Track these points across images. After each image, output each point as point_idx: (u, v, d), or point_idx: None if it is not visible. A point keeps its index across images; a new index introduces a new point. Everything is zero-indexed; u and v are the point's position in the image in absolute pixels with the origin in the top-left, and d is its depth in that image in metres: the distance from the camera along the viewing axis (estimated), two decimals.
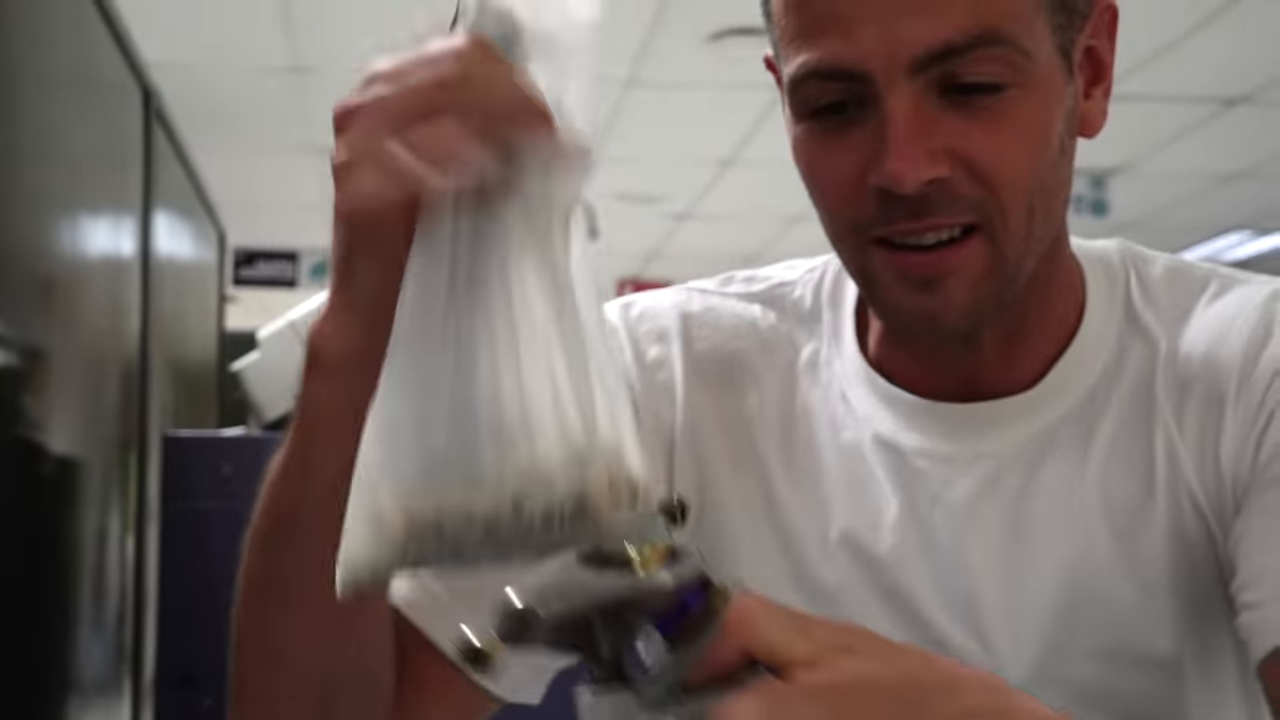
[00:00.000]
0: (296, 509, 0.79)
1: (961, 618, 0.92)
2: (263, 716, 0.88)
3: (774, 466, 0.97)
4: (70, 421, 1.90)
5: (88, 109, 2.06)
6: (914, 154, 0.81)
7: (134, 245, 2.37)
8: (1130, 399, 0.93)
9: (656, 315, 1.03)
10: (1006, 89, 0.82)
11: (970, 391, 0.95)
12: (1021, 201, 0.84)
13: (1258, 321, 0.90)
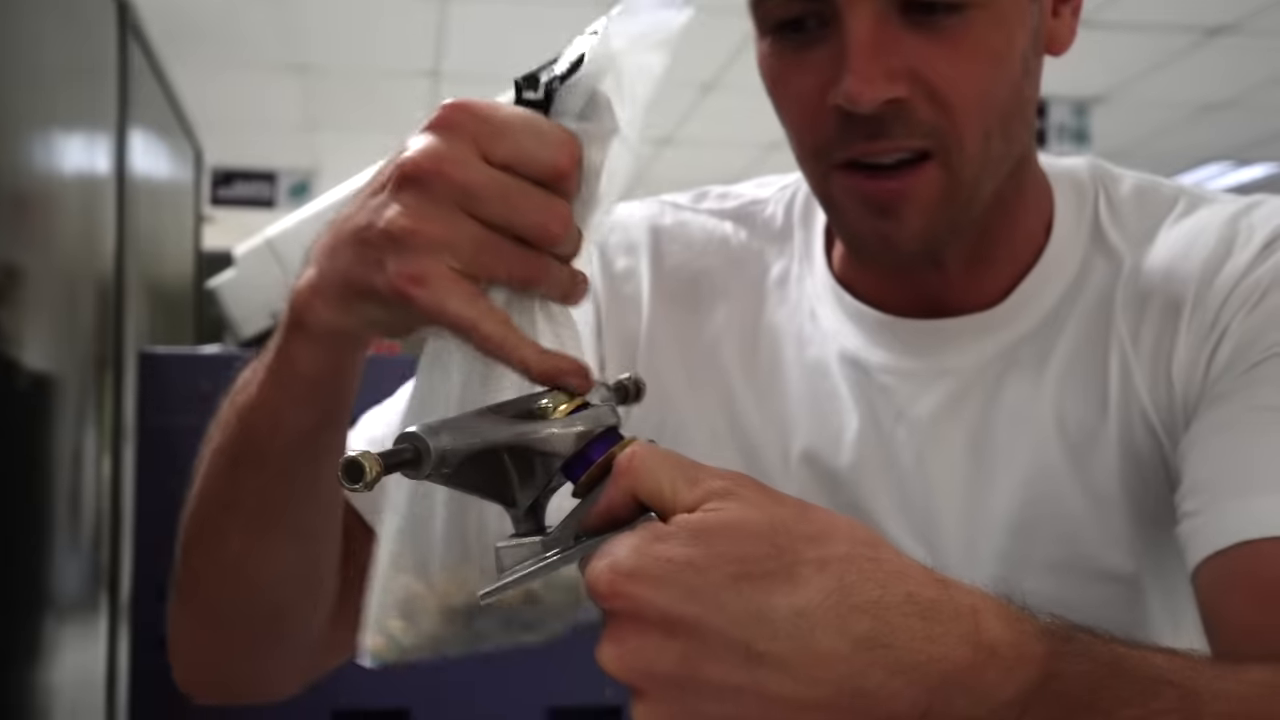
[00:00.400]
0: (267, 445, 0.79)
1: (921, 534, 0.94)
2: (208, 622, 0.89)
3: (737, 383, 0.98)
4: (45, 338, 1.90)
5: (61, 23, 2.04)
6: (872, 74, 0.81)
7: (109, 163, 2.35)
8: (1089, 317, 0.94)
9: (627, 228, 1.04)
10: (968, 8, 0.82)
11: (936, 308, 0.96)
12: (977, 127, 0.85)
13: (1219, 239, 0.91)
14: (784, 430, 0.97)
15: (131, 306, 2.49)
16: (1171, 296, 0.91)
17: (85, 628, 2.13)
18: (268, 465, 0.79)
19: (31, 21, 1.83)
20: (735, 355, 0.99)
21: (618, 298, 1.01)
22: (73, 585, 2.05)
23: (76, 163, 2.12)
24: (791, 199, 1.05)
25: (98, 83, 2.30)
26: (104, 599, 2.27)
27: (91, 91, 2.25)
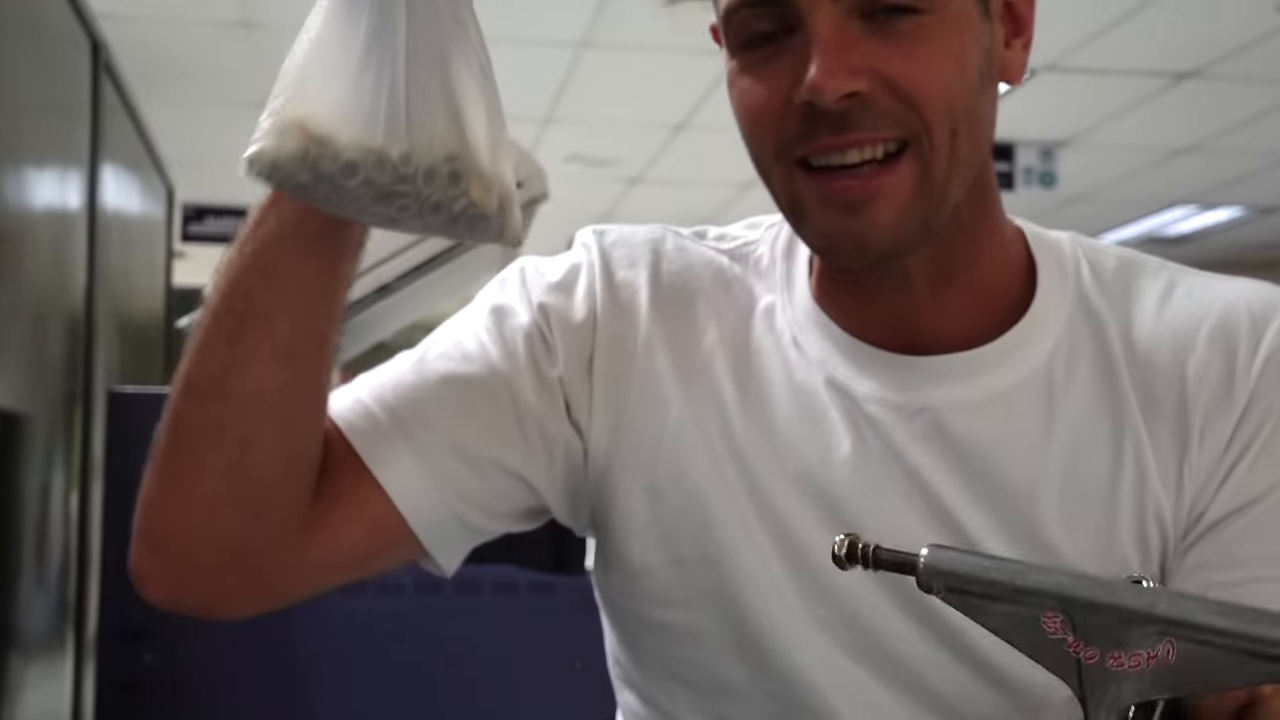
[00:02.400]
0: (266, 248, 0.86)
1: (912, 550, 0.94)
2: (187, 449, 0.89)
3: (730, 399, 1.00)
4: (14, 375, 1.88)
5: (35, 59, 2.04)
6: (835, 68, 0.85)
7: (81, 198, 2.34)
8: (1092, 388, 0.96)
9: (630, 244, 1.06)
10: (922, 13, 0.86)
11: (909, 339, 0.98)
12: (944, 118, 0.88)
13: (1226, 340, 0.95)
14: (776, 448, 0.97)
15: (102, 343, 2.48)
16: (1182, 399, 0.95)
17: (51, 666, 2.11)
18: (264, 270, 0.86)
19: (5, 57, 1.82)
20: (728, 372, 1.00)
21: (615, 304, 1.02)
22: (39, 623, 2.03)
23: (48, 198, 2.11)
24: (776, 236, 1.07)
25: (71, 119, 2.29)
26: (70, 637, 2.25)
27: (64, 127, 2.25)
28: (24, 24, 1.96)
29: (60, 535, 2.17)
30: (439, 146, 0.76)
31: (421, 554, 0.97)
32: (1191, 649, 0.60)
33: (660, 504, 0.99)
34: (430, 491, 0.95)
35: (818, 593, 0.95)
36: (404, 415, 0.95)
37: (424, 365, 0.99)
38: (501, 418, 0.97)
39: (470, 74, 0.79)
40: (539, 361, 0.99)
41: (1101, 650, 0.61)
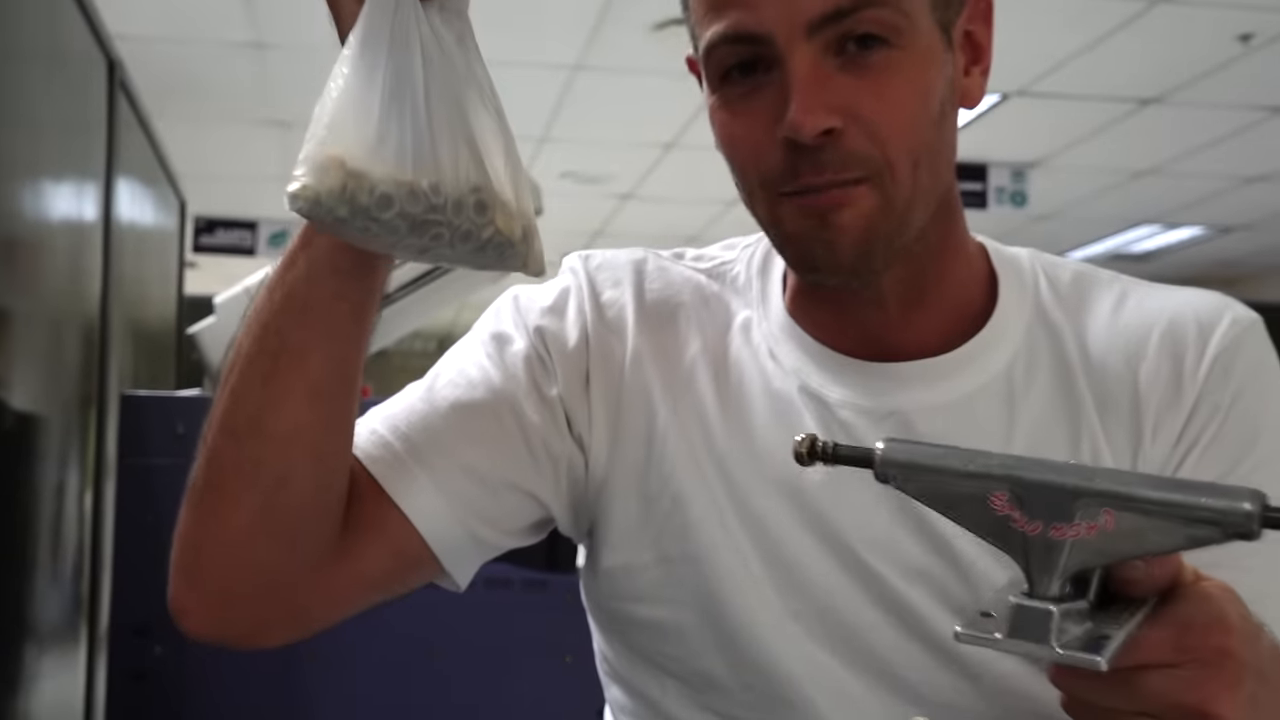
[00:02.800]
0: (296, 291, 0.86)
1: (882, 554, 0.95)
2: (225, 487, 0.88)
3: (711, 408, 1.00)
4: (32, 379, 1.88)
5: (54, 78, 2.03)
6: (813, 106, 0.86)
7: (97, 211, 2.34)
8: (1051, 392, 0.98)
9: (614, 266, 1.08)
10: (891, 46, 0.88)
11: (880, 349, 0.99)
12: (906, 155, 0.89)
13: (1175, 346, 0.96)
14: (754, 452, 0.98)
15: (115, 349, 2.48)
16: (1135, 399, 0.96)
17: (64, 657, 2.11)
18: (295, 312, 0.86)
19: (25, 76, 1.82)
20: (709, 383, 1.01)
21: (603, 321, 1.04)
22: (53, 616, 2.02)
23: (65, 210, 2.11)
24: (752, 256, 1.09)
25: (87, 134, 2.29)
26: (83, 630, 2.24)
27: (81, 143, 2.24)
28: (43, 44, 1.96)
29: (74, 532, 2.16)
30: (464, 178, 0.78)
31: (440, 573, 0.98)
32: (1128, 518, 0.63)
33: (649, 507, 0.99)
34: (448, 514, 0.95)
35: (793, 588, 0.96)
36: (418, 443, 0.95)
37: (433, 394, 0.99)
38: (509, 439, 0.98)
39: (486, 115, 0.82)
40: (539, 382, 1.00)
41: (1045, 523, 0.64)
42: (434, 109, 0.79)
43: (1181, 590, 0.66)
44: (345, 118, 0.77)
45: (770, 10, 0.87)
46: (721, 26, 0.90)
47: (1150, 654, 0.64)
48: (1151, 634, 0.65)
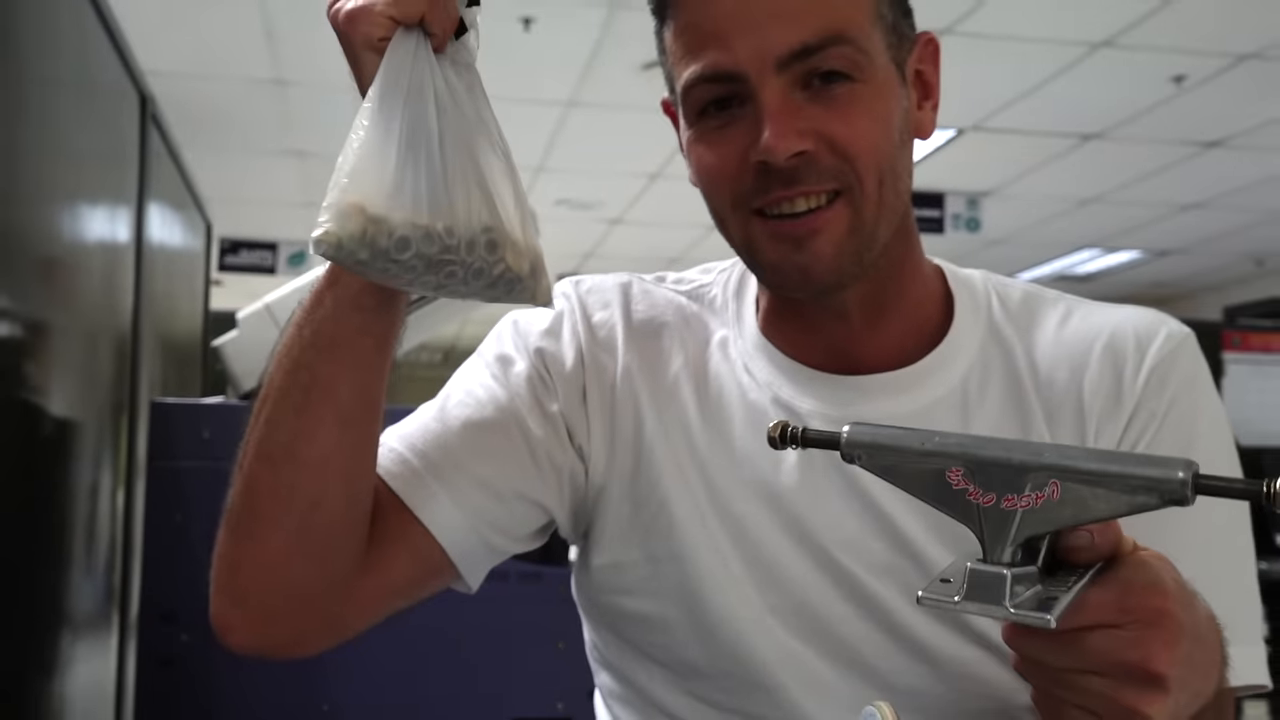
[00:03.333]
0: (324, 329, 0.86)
1: (848, 549, 0.95)
2: (262, 511, 0.88)
3: (692, 415, 1.01)
4: (68, 388, 1.87)
5: (89, 111, 2.03)
6: (785, 132, 0.87)
7: (129, 233, 2.33)
8: (1004, 403, 0.98)
9: (602, 289, 1.08)
10: (854, 80, 0.89)
11: (845, 362, 0.99)
12: (873, 171, 0.90)
13: (1115, 359, 0.97)
14: (733, 459, 0.98)
15: (146, 360, 2.47)
16: (1079, 407, 0.96)
17: (97, 644, 2.09)
18: (323, 347, 0.86)
19: (64, 108, 1.82)
20: (691, 395, 1.02)
21: (596, 341, 1.04)
22: (87, 605, 2.01)
23: (100, 232, 2.10)
24: (728, 279, 1.09)
25: (121, 163, 2.28)
26: (115, 619, 2.23)
27: (115, 170, 2.24)
28: (80, 80, 1.95)
29: (107, 528, 2.15)
30: (476, 220, 0.79)
31: (456, 578, 0.98)
32: (1072, 488, 0.63)
33: (638, 509, 1.00)
34: (464, 525, 0.95)
35: (770, 583, 0.95)
36: (435, 460, 0.96)
37: (445, 414, 0.99)
38: (516, 453, 0.98)
39: (496, 160, 0.82)
40: (541, 399, 1.00)
41: (997, 495, 0.64)
42: (448, 156, 0.79)
43: (1122, 559, 0.67)
44: (365, 166, 0.77)
45: (743, 50, 0.88)
46: (699, 67, 0.90)
47: (1095, 615, 0.65)
48: (1096, 597, 0.65)
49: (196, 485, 1.99)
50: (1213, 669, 0.72)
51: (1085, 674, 0.65)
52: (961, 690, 0.93)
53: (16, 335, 1.60)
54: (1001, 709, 0.92)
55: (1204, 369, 0.98)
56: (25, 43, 1.58)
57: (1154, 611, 0.65)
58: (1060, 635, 0.64)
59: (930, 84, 0.99)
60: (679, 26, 0.93)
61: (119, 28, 2.12)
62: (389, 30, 0.79)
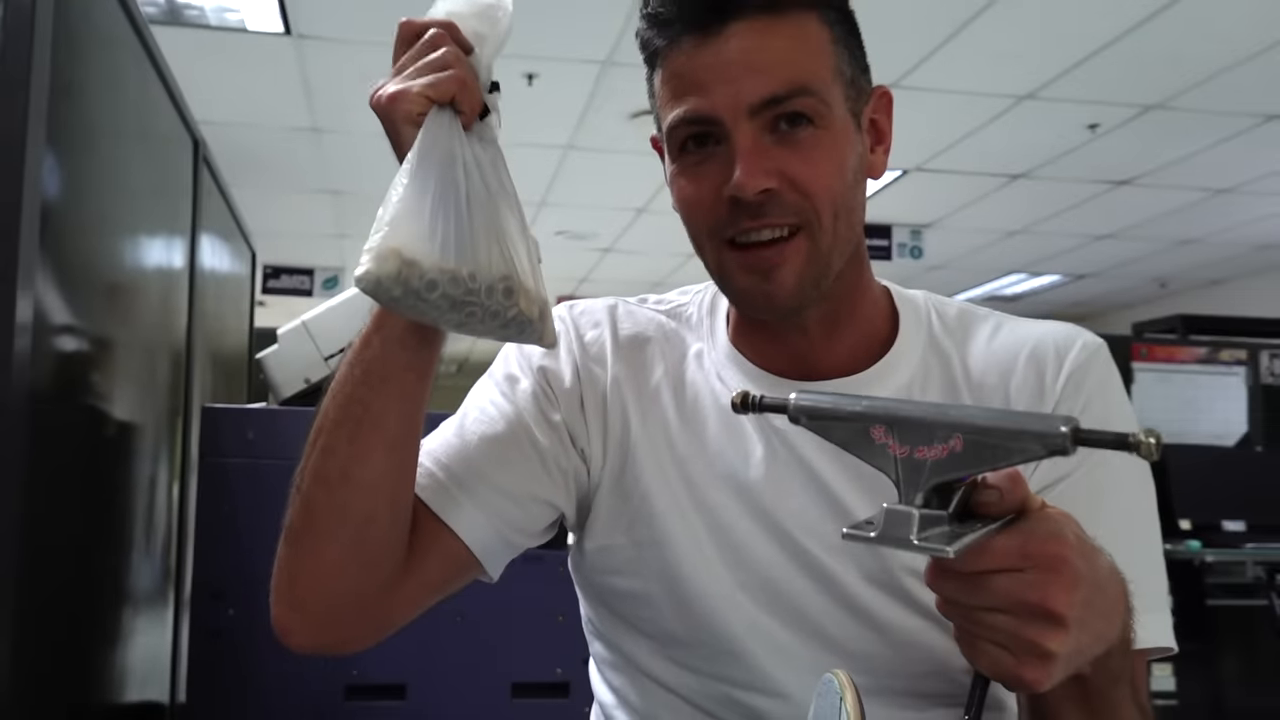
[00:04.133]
0: (373, 367, 0.87)
1: (808, 531, 0.96)
2: (310, 544, 0.88)
3: (672, 419, 1.01)
4: (131, 395, 1.87)
5: (149, 154, 2.03)
6: (754, 171, 0.88)
7: (183, 260, 2.33)
8: (941, 399, 0.98)
9: (593, 311, 1.09)
10: (815, 127, 0.90)
11: (805, 369, 1.00)
12: (829, 208, 0.91)
13: (1037, 365, 0.98)
14: (708, 457, 0.98)
15: (198, 371, 2.46)
16: (1005, 405, 0.97)
17: (155, 617, 2.08)
18: (387, 386, 0.86)
19: (126, 153, 1.81)
20: (670, 401, 1.02)
21: (588, 356, 1.04)
22: (146, 583, 2.00)
23: (158, 259, 2.09)
24: (702, 300, 1.10)
25: (176, 200, 2.28)
26: (170, 595, 2.22)
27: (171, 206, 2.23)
28: (141, 128, 1.95)
29: (164, 516, 2.15)
30: (496, 269, 0.80)
31: (481, 572, 0.98)
32: (972, 440, 0.64)
33: (624, 501, 1.00)
34: (487, 527, 0.95)
35: (739, 564, 0.96)
36: (458, 473, 0.96)
37: (464, 430, 0.99)
38: (527, 461, 0.98)
39: (513, 219, 0.83)
40: (546, 412, 1.00)
41: (911, 447, 0.66)
42: (474, 214, 0.80)
43: (1028, 513, 0.67)
44: (402, 217, 0.78)
45: (720, 97, 0.89)
46: (681, 110, 0.91)
47: (1000, 559, 0.65)
48: (1001, 543, 0.65)
49: (242, 480, 1.98)
50: (1114, 614, 0.72)
51: (994, 612, 0.65)
52: (906, 655, 0.93)
53: (86, 349, 1.59)
54: (938, 670, 0.92)
55: (1115, 374, 0.99)
56: (94, 97, 1.58)
57: (1053, 558, 0.65)
58: (970, 577, 0.65)
59: (883, 131, 0.99)
60: (666, 74, 0.93)
61: (175, 83, 2.12)
62: (425, 107, 0.81)
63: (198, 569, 2.05)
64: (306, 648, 0.91)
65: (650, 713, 1.00)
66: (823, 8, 0.92)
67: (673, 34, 0.92)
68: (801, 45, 0.90)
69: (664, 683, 0.99)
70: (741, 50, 0.89)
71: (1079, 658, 0.68)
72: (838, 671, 0.70)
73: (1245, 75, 4.82)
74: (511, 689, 2.09)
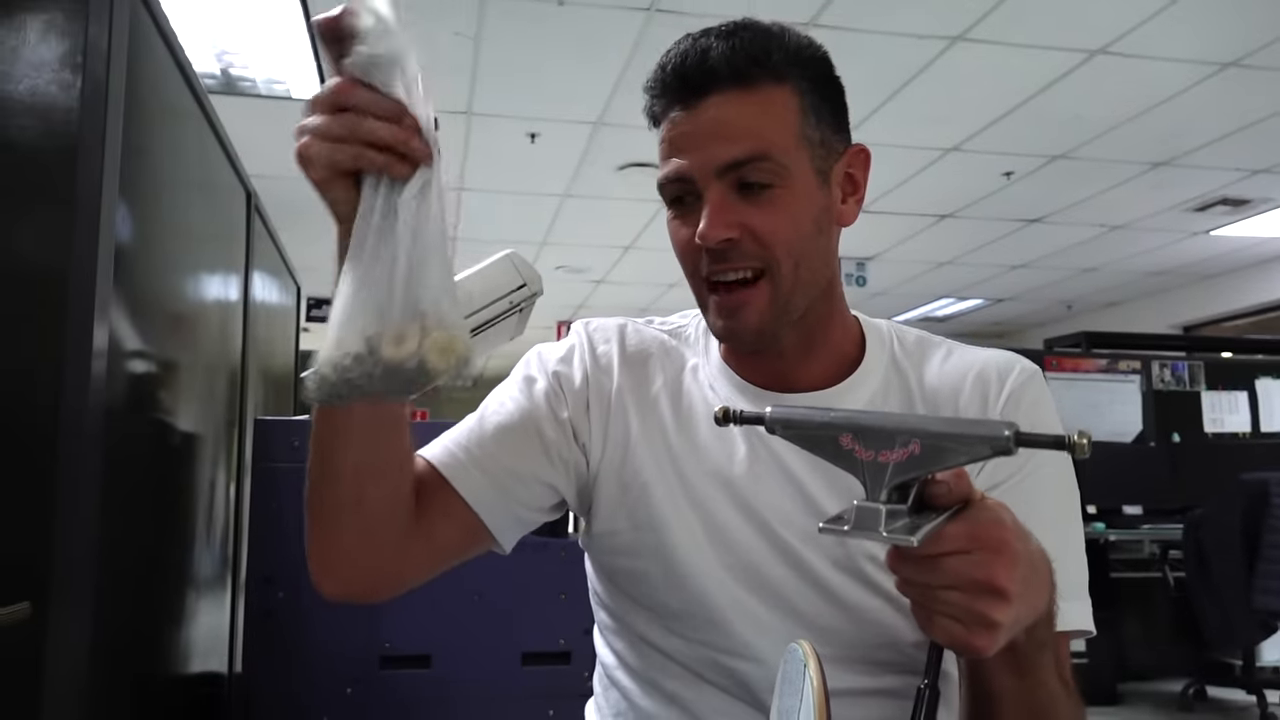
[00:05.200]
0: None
1: (785, 521, 0.95)
2: (322, 523, 0.87)
3: (669, 423, 1.00)
4: (194, 409, 1.85)
5: (208, 203, 2.02)
6: (716, 223, 0.88)
7: (238, 293, 2.32)
8: (900, 410, 0.98)
9: (605, 329, 1.07)
10: (774, 188, 0.89)
11: (785, 383, 0.99)
12: (788, 257, 0.90)
13: (982, 386, 0.97)
14: (700, 456, 0.98)
15: (251, 388, 2.45)
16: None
17: (215, 599, 2.07)
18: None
19: (188, 202, 1.81)
20: (668, 407, 1.01)
21: (598, 367, 1.03)
22: (207, 570, 1.99)
23: (217, 293, 2.08)
24: (699, 322, 1.09)
25: (232, 242, 2.27)
26: (228, 581, 2.20)
27: (227, 247, 2.22)
28: (202, 182, 1.94)
29: (222, 513, 2.13)
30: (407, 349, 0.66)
31: (493, 543, 0.97)
32: (929, 443, 0.64)
33: (625, 491, 0.99)
34: (496, 499, 0.95)
35: (725, 548, 0.95)
36: (475, 453, 0.95)
37: (484, 420, 0.99)
38: (535, 449, 0.98)
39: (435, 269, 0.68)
40: (555, 409, 1.00)
41: (875, 452, 0.65)
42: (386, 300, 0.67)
43: (973, 503, 0.67)
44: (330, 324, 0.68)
45: (694, 160, 0.89)
46: (668, 170, 0.91)
47: (951, 543, 0.65)
48: (952, 530, 0.65)
49: (289, 481, 1.97)
50: (1044, 589, 0.72)
51: (947, 589, 0.65)
52: (864, 630, 0.92)
53: (154, 371, 1.58)
54: (891, 643, 0.91)
55: (1047, 393, 0.98)
56: (161, 156, 1.58)
57: (996, 540, 0.65)
58: (926, 559, 0.65)
59: (858, 183, 0.97)
60: (661, 138, 0.94)
61: (230, 143, 2.11)
62: (328, 176, 0.71)
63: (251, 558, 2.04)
64: (337, 596, 0.91)
65: (646, 673, 1.00)
66: (794, 79, 0.90)
67: (665, 104, 0.92)
68: (767, 115, 0.89)
69: (659, 647, 0.99)
70: (713, 120, 0.89)
71: (1017, 627, 0.68)
72: (802, 642, 0.69)
73: (1135, 130, 4.86)
74: (522, 657, 2.07)
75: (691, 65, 0.89)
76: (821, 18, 3.76)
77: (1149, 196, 5.91)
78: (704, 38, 0.91)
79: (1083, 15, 3.77)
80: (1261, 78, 4.27)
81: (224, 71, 4.25)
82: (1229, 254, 7.36)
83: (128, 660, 1.46)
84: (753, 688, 0.93)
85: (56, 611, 1.15)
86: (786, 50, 0.90)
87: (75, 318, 1.19)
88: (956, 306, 9.38)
